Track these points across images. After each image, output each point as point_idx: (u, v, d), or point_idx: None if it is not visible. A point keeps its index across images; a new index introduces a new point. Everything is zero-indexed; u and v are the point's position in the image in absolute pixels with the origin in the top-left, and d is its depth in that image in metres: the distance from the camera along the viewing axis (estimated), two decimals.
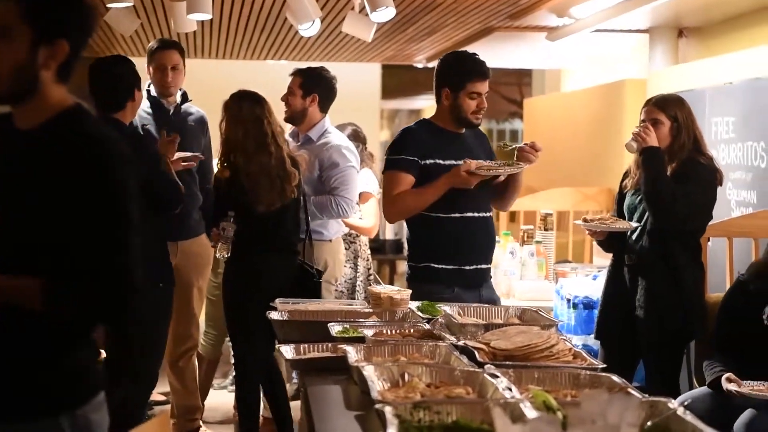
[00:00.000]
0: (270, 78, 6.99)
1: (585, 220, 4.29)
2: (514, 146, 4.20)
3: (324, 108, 5.00)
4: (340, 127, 5.74)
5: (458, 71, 4.14)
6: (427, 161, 4.10)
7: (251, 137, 4.43)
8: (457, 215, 4.11)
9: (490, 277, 4.32)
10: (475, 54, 4.20)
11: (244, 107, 4.47)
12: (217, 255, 4.49)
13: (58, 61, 2.14)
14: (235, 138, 4.45)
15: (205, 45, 8.66)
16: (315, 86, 4.95)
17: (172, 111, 4.99)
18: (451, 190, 4.03)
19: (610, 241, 4.31)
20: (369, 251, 5.74)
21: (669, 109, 4.12)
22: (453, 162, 4.08)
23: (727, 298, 3.95)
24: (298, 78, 4.95)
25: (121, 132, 4.09)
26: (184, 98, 5.05)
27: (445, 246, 4.12)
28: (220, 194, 4.51)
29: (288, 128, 5.05)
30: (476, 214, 4.16)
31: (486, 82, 4.13)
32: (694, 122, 4.16)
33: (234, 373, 4.91)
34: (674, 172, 4.09)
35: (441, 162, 4.11)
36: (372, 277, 5.69)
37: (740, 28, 6.76)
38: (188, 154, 4.67)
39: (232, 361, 4.98)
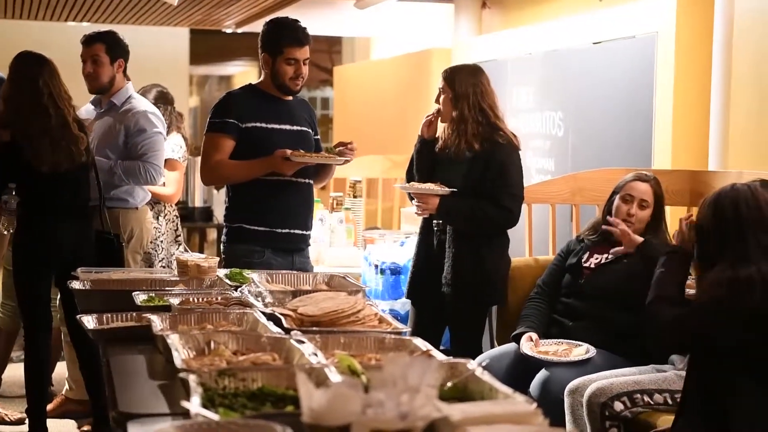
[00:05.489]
0: (72, 42, 6.69)
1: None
2: (335, 150, 4.22)
3: (125, 72, 4.85)
4: (145, 89, 5.59)
5: (275, 37, 4.18)
6: (248, 124, 4.15)
7: (26, 96, 4.28)
8: (273, 178, 4.13)
9: (307, 246, 4.34)
10: (296, 21, 4.21)
11: (21, 66, 4.33)
12: (2, 230, 4.30)
13: None
14: (10, 97, 4.31)
15: None
16: (121, 51, 4.78)
17: None
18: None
19: None
20: (176, 212, 5.61)
21: (453, 82, 4.14)
22: (275, 126, 4.18)
23: (562, 250, 4.16)
24: (101, 44, 4.73)
25: None
26: None
27: (258, 207, 4.17)
28: (2, 161, 4.33)
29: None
30: (293, 179, 4.17)
31: (304, 48, 4.16)
32: (484, 93, 4.13)
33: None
34: (478, 155, 4.08)
35: (263, 125, 4.18)
36: (180, 241, 5.57)
37: (539, 1, 6.99)
38: None
39: None
